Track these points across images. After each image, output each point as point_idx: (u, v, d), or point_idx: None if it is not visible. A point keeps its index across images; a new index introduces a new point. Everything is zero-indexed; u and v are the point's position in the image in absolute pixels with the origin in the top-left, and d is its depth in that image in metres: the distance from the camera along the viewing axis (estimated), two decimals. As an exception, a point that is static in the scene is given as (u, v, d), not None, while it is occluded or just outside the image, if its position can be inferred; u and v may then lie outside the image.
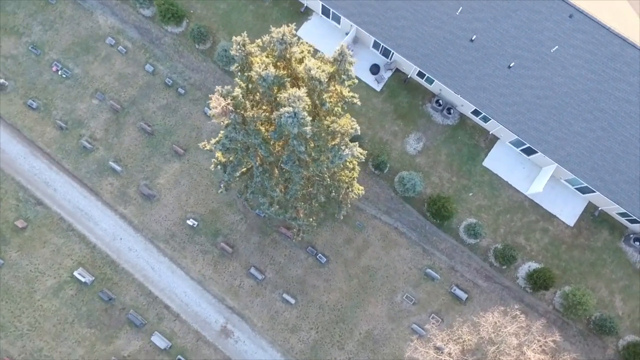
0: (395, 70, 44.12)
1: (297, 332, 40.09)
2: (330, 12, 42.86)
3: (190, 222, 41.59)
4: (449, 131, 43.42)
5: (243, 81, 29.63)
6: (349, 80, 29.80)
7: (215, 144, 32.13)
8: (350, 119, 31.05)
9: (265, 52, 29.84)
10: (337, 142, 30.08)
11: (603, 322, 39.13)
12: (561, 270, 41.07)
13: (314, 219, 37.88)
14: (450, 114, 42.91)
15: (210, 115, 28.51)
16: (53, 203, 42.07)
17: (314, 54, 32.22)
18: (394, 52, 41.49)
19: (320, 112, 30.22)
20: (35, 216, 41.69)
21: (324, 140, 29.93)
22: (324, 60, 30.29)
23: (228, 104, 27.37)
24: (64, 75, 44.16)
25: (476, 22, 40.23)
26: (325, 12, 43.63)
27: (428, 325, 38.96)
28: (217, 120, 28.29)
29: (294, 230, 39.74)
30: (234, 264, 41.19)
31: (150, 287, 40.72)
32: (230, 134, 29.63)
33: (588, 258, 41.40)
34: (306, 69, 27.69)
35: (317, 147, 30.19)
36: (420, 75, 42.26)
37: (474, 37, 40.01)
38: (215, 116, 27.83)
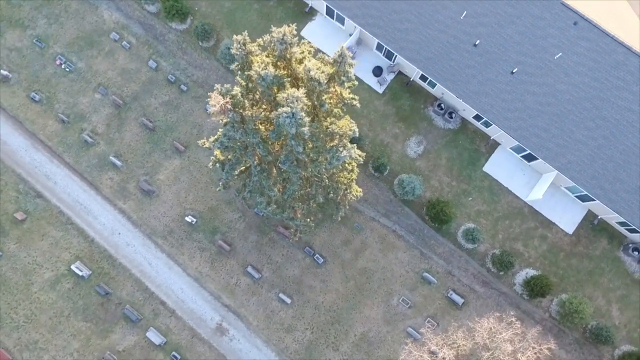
0: (397, 73, 44.04)
1: (292, 332, 40.09)
2: (335, 13, 42.81)
3: (189, 219, 41.66)
4: (450, 135, 43.34)
5: (243, 80, 29.65)
6: (348, 82, 29.80)
7: (213, 142, 32.14)
8: (350, 121, 31.06)
9: (266, 52, 29.85)
10: (336, 143, 30.07)
11: (599, 331, 38.97)
12: (559, 277, 40.93)
13: (312, 220, 37.83)
14: (452, 118, 42.82)
15: (209, 113, 28.54)
16: (53, 196, 42.22)
17: (314, 55, 32.15)
18: (397, 55, 41.42)
19: (319, 113, 30.18)
20: (34, 209, 41.85)
21: (322, 141, 29.92)
22: (324, 61, 30.24)
23: (227, 102, 27.41)
24: (68, 69, 44.31)
25: (480, 27, 40.12)
26: (329, 12, 43.59)
27: (423, 329, 38.86)
28: (216, 118, 28.36)
29: (292, 230, 39.76)
30: (231, 262, 41.23)
31: (147, 283, 40.81)
32: (229, 132, 29.65)
33: (586, 266, 41.24)
34: (305, 69, 27.67)
35: (315, 148, 30.18)
36: (423, 78, 42.19)
37: (478, 41, 39.89)
38: (214, 114, 27.90)
